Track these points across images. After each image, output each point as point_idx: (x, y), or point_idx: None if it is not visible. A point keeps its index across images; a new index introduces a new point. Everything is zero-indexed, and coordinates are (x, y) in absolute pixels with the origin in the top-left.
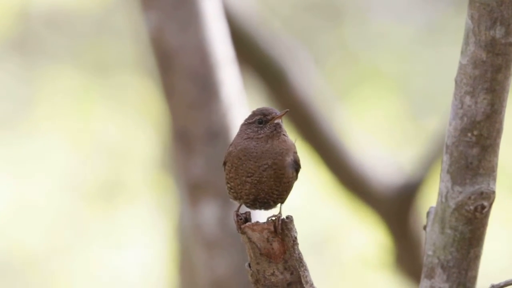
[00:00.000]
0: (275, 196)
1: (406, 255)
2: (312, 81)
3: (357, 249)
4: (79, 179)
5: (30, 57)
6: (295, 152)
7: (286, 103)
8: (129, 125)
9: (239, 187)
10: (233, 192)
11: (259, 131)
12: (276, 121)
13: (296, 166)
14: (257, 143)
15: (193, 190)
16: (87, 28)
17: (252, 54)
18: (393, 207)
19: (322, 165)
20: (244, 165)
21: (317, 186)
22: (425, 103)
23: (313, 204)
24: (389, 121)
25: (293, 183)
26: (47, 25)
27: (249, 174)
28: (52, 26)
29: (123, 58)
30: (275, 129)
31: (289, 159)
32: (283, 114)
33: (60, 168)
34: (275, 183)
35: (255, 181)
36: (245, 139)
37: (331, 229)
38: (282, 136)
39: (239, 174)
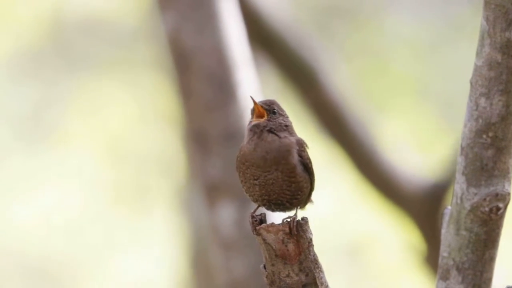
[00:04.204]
0: (288, 196)
1: (436, 256)
2: (342, 82)
3: (389, 251)
4: (105, 185)
5: (64, 66)
6: (301, 148)
7: (317, 104)
8: (151, 128)
9: (250, 189)
10: (248, 195)
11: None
12: (253, 124)
13: (304, 164)
14: (250, 149)
15: (210, 192)
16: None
17: (282, 54)
18: (424, 207)
19: (352, 166)
20: (249, 169)
21: (347, 187)
22: (455, 104)
23: (344, 207)
24: (419, 122)
25: (306, 181)
26: (81, 34)
27: (256, 177)
28: (87, 34)
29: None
30: (253, 134)
31: (293, 158)
32: (257, 116)
33: (89, 175)
34: (284, 183)
35: (263, 183)
36: (245, 142)
37: (363, 232)
38: (270, 135)
39: (246, 178)
